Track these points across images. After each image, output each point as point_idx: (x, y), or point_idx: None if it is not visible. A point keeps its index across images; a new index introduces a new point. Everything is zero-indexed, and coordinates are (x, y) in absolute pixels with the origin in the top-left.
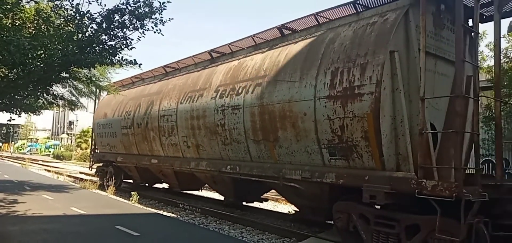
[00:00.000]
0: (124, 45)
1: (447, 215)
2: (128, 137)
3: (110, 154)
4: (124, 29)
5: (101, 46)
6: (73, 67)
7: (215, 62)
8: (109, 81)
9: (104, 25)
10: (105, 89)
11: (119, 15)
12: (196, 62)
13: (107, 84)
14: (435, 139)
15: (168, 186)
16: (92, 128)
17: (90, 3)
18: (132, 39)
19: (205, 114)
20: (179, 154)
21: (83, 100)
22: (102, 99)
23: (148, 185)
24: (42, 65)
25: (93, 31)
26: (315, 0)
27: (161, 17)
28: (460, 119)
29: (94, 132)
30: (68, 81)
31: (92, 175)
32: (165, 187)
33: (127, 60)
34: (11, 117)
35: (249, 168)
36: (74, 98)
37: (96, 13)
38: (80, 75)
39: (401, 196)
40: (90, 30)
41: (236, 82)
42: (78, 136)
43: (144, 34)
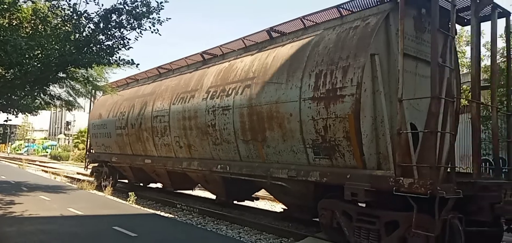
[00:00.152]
0: (122, 45)
1: (424, 212)
2: (122, 137)
3: (105, 154)
4: (122, 29)
5: (98, 46)
6: (70, 67)
7: (207, 63)
8: (106, 81)
9: (102, 25)
10: (102, 89)
11: (117, 14)
12: (188, 63)
13: (104, 84)
14: (418, 138)
15: (161, 185)
16: (87, 129)
17: (88, 3)
18: (129, 39)
19: (196, 114)
20: (171, 154)
21: (81, 101)
22: (97, 100)
23: (142, 184)
24: (39, 65)
25: (90, 31)
26: (312, 1)
27: (158, 17)
28: (435, 120)
29: (89, 132)
30: (66, 81)
31: (89, 176)
32: (162, 187)
33: (124, 60)
34: (8, 118)
35: (238, 168)
36: (71, 98)
37: (93, 13)
38: (77, 75)
39: (382, 194)
40: (88, 30)
41: (226, 83)
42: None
43: (142, 34)
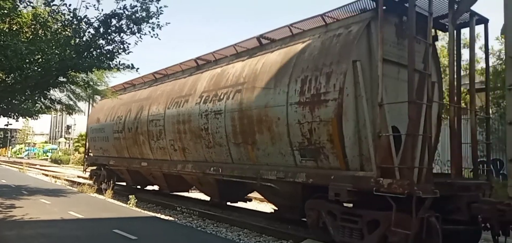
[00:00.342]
0: (122, 50)
1: (404, 211)
2: (119, 141)
3: (103, 158)
4: (122, 34)
5: (98, 50)
6: (70, 71)
7: (201, 69)
8: (106, 85)
9: (102, 29)
10: (102, 93)
11: (116, 19)
12: (183, 69)
13: (104, 88)
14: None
15: (158, 188)
16: (86, 133)
17: (87, 8)
18: (129, 44)
19: (190, 118)
20: (167, 157)
21: (81, 105)
22: (96, 105)
23: (140, 187)
24: (40, 69)
25: (90, 36)
26: (311, 3)
27: (158, 21)
28: (412, 123)
29: (87, 136)
30: (66, 86)
31: (88, 179)
32: (158, 189)
33: (124, 64)
34: (8, 122)
35: (230, 170)
36: (71, 102)
37: (93, 18)
38: (77, 79)
39: (365, 194)
40: (88, 35)
41: (218, 88)
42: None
43: (141, 39)
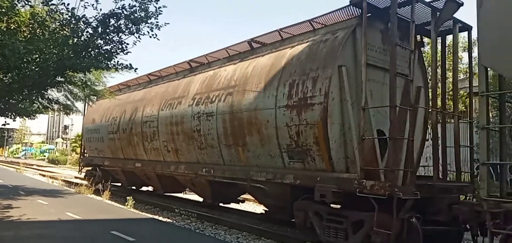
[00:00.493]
0: (120, 50)
1: (385, 212)
2: (114, 141)
3: (98, 158)
4: (120, 34)
5: (96, 50)
6: (68, 71)
7: (194, 71)
8: (104, 86)
9: (100, 29)
10: (100, 93)
11: (115, 19)
12: (177, 71)
13: (102, 89)
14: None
15: (152, 189)
16: (81, 133)
17: (86, 8)
18: (127, 44)
19: (183, 120)
20: (160, 158)
21: (79, 105)
22: (91, 105)
23: (135, 188)
24: (37, 69)
25: (88, 36)
26: (308, 4)
27: (156, 21)
28: (393, 126)
29: (83, 137)
30: (63, 85)
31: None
32: (153, 190)
33: (122, 64)
34: (5, 121)
35: (222, 171)
36: (69, 102)
37: (91, 18)
38: (75, 79)
39: (350, 195)
40: (86, 35)
41: (210, 91)
42: (73, 140)
43: (140, 39)
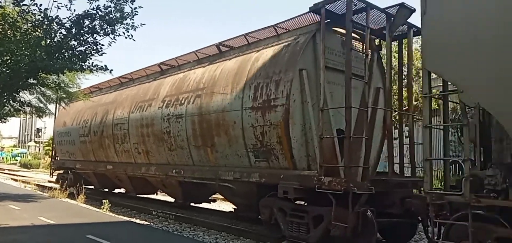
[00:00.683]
0: (95, 51)
1: (342, 206)
2: (85, 144)
3: (69, 161)
4: (95, 35)
5: (70, 51)
6: (41, 73)
7: (164, 74)
8: (79, 87)
9: (74, 30)
10: (74, 96)
11: (89, 20)
12: (147, 73)
13: (76, 91)
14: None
15: (125, 190)
16: (52, 136)
17: (59, 8)
18: (103, 45)
19: (153, 122)
20: (131, 160)
21: (52, 107)
22: (62, 108)
23: (107, 190)
24: (8, 71)
25: (62, 37)
26: (302, 3)
27: (132, 22)
28: (348, 126)
29: (54, 140)
30: (36, 88)
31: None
32: (128, 192)
33: (97, 65)
34: None
35: (191, 172)
36: (42, 105)
37: (65, 18)
38: (48, 81)
39: (311, 192)
40: (59, 36)
41: (180, 93)
42: (47, 143)
43: (115, 40)
